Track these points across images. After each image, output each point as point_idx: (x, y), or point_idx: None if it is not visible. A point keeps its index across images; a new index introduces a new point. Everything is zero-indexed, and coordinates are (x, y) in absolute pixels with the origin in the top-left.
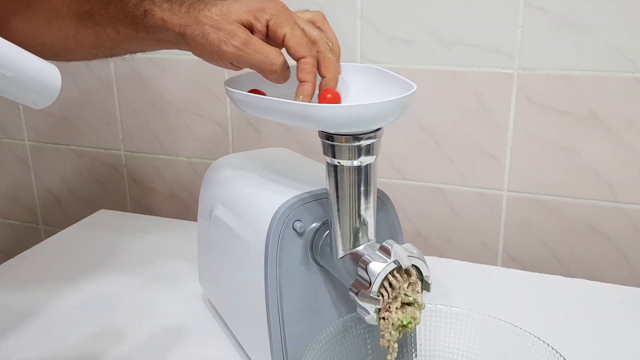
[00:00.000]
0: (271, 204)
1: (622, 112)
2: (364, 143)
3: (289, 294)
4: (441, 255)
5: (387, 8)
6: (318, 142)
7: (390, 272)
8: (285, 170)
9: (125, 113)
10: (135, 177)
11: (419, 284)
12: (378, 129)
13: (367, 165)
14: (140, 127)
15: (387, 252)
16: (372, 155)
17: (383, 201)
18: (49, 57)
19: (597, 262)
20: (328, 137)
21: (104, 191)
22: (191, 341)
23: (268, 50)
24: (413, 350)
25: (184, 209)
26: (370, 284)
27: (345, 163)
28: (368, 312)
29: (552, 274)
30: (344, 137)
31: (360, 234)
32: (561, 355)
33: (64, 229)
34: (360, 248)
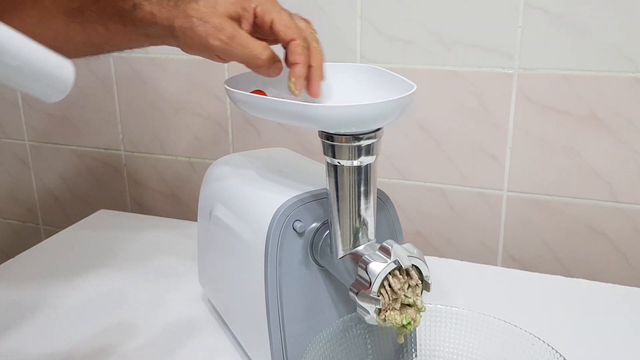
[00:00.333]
0: (271, 204)
1: (622, 112)
2: (364, 143)
3: (289, 294)
4: (441, 255)
5: (387, 8)
6: (318, 142)
7: (390, 272)
8: (285, 170)
9: (125, 113)
10: (135, 177)
11: (420, 287)
12: (378, 129)
13: (367, 165)
14: (140, 127)
15: (387, 252)
16: (372, 155)
17: (383, 201)
18: None
19: (597, 262)
20: (328, 137)
21: (103, 191)
22: (191, 341)
23: (253, 45)
24: (413, 350)
25: (184, 209)
26: (370, 284)
27: (345, 163)
28: (368, 312)
29: (552, 274)
30: (344, 137)
31: (360, 234)
32: (561, 355)
33: (64, 228)
34: (360, 248)
